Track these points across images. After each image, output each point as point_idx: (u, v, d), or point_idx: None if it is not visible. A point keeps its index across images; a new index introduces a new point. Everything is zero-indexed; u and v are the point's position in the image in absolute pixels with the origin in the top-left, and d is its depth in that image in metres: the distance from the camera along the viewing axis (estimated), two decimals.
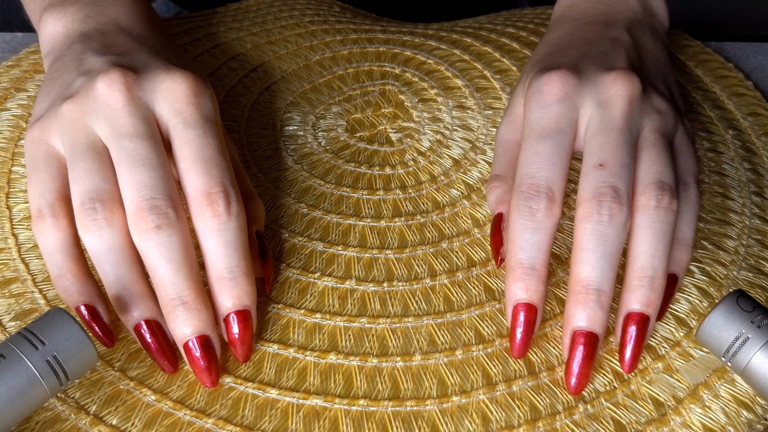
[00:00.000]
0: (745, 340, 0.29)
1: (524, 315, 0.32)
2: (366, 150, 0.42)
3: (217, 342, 0.31)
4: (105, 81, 0.33)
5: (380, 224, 0.38)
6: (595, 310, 0.31)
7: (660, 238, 0.32)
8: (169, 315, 0.31)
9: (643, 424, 0.30)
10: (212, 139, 0.33)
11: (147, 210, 0.31)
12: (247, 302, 0.32)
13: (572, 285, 0.31)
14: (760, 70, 0.51)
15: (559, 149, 0.33)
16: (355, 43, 0.50)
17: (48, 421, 0.30)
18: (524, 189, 0.32)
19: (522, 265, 0.32)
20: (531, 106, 0.35)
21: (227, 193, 0.32)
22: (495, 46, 0.49)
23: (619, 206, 0.31)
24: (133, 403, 0.31)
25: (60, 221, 0.32)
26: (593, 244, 0.31)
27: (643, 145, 0.34)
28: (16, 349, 0.27)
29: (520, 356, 0.32)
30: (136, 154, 0.32)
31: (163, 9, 0.71)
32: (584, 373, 0.31)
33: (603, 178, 0.32)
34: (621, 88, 0.34)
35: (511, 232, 0.32)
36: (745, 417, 0.31)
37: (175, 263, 0.31)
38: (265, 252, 0.35)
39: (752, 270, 0.37)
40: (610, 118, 0.33)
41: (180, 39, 0.50)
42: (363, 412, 0.31)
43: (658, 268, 0.31)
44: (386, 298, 0.35)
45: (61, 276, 0.32)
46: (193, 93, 0.34)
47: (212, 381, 0.31)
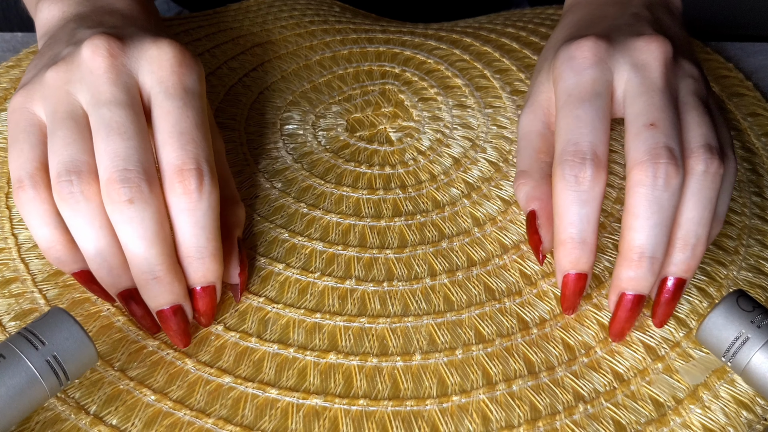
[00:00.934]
0: (745, 340, 0.29)
1: (575, 282, 0.32)
2: (366, 149, 0.42)
3: (189, 309, 0.32)
4: (89, 47, 0.33)
5: (380, 224, 0.38)
6: (647, 277, 0.31)
7: (705, 206, 0.32)
8: (142, 288, 0.31)
9: (643, 425, 0.31)
10: (192, 111, 0.33)
11: (119, 182, 0.30)
12: (212, 279, 0.32)
13: (625, 250, 0.31)
14: (760, 70, 0.51)
15: (599, 113, 0.32)
16: (355, 43, 0.50)
17: (48, 421, 0.30)
18: (568, 157, 0.32)
19: (573, 239, 0.32)
20: (564, 73, 0.34)
21: (200, 170, 0.31)
22: (495, 46, 0.49)
23: (676, 168, 0.31)
24: (133, 403, 0.31)
25: (41, 192, 0.32)
26: (649, 211, 0.31)
27: (685, 107, 0.33)
28: (16, 349, 0.27)
29: (569, 312, 0.34)
30: (113, 123, 0.31)
31: (163, 9, 0.71)
32: (628, 327, 0.32)
33: (656, 138, 0.31)
34: (656, 49, 0.34)
35: (558, 206, 0.32)
36: (744, 417, 0.31)
37: (146, 239, 0.31)
38: (242, 261, 0.35)
39: (752, 270, 0.37)
40: (650, 80, 0.33)
41: (180, 39, 0.50)
42: (363, 412, 0.31)
43: (701, 235, 0.32)
44: (386, 298, 0.35)
45: (50, 248, 0.32)
46: (178, 62, 0.33)
47: (184, 342, 0.33)
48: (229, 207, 0.35)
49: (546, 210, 0.35)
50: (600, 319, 0.34)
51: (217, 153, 0.37)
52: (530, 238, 0.35)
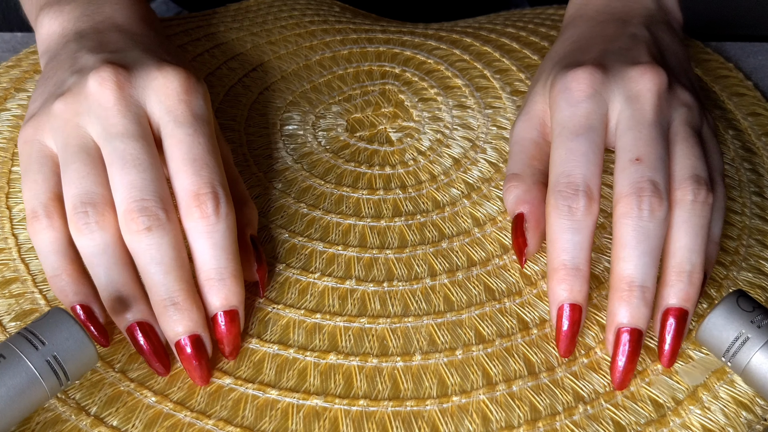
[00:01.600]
0: (745, 340, 0.29)
1: (570, 315, 0.32)
2: (366, 150, 0.42)
3: (208, 340, 0.32)
4: (96, 79, 0.33)
5: (380, 224, 0.38)
6: (639, 307, 0.31)
7: (697, 233, 0.32)
8: (161, 315, 0.31)
9: (643, 425, 0.31)
10: (202, 138, 0.33)
11: (137, 211, 0.31)
12: (235, 302, 0.32)
13: (615, 282, 0.31)
14: (760, 70, 0.51)
15: (592, 146, 0.33)
16: (355, 43, 0.50)
17: (48, 422, 0.30)
18: (562, 188, 0.32)
19: (565, 266, 0.32)
20: (559, 104, 0.35)
21: (216, 193, 0.32)
22: (495, 46, 0.49)
23: (660, 200, 0.31)
24: (133, 404, 0.31)
25: (54, 222, 0.32)
26: (635, 240, 0.31)
27: (675, 138, 0.33)
28: (16, 349, 0.27)
29: (566, 355, 0.32)
30: (127, 155, 0.32)
31: (163, 9, 0.71)
32: (630, 369, 0.31)
33: (641, 172, 0.32)
34: (649, 81, 0.34)
35: (552, 233, 0.32)
36: (744, 418, 0.31)
37: (165, 265, 0.31)
38: (260, 256, 0.35)
39: (752, 270, 0.37)
40: (641, 112, 0.33)
41: (180, 39, 0.50)
42: (363, 412, 0.31)
43: (695, 263, 0.32)
44: (386, 298, 0.35)
45: (56, 276, 0.33)
46: (185, 90, 0.34)
47: (204, 378, 0.31)
48: (239, 208, 0.35)
49: (535, 214, 0.35)
50: (600, 319, 0.34)
51: (225, 158, 0.37)
52: (515, 240, 0.35)
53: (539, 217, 0.35)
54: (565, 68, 0.35)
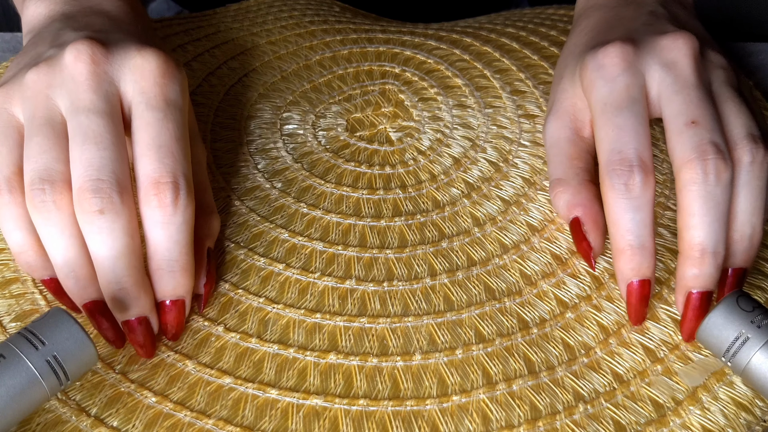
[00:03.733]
0: (745, 340, 0.29)
1: (639, 290, 0.32)
2: (366, 149, 0.42)
3: (155, 321, 0.32)
4: (72, 52, 0.32)
5: (380, 224, 0.38)
6: (711, 273, 0.31)
7: (757, 195, 0.32)
8: (109, 298, 0.31)
9: (643, 425, 0.31)
10: (172, 124, 0.32)
11: (90, 191, 0.30)
12: (182, 293, 0.32)
13: (686, 249, 0.31)
14: (760, 70, 0.51)
15: (638, 118, 0.32)
16: (355, 43, 0.50)
17: (49, 423, 0.30)
18: (615, 166, 0.32)
19: (631, 246, 0.32)
20: (596, 82, 0.34)
21: (177, 184, 0.31)
22: (495, 46, 0.49)
23: (725, 162, 0.31)
24: (133, 405, 0.31)
25: (17, 197, 0.32)
26: (704, 208, 0.31)
27: (721, 99, 0.33)
28: (16, 349, 0.27)
29: (638, 323, 0.33)
30: (90, 131, 0.31)
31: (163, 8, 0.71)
32: (696, 326, 0.32)
33: (700, 135, 0.31)
34: (684, 45, 0.33)
35: (612, 214, 0.32)
36: (744, 419, 0.31)
37: (115, 250, 0.30)
38: (211, 271, 0.34)
39: (752, 270, 0.37)
40: (683, 77, 0.33)
41: (180, 39, 0.50)
42: (363, 412, 0.31)
43: (756, 224, 0.32)
44: (386, 298, 0.35)
45: (22, 252, 0.32)
46: (161, 74, 0.33)
47: (149, 353, 0.32)
48: (202, 217, 0.35)
49: (591, 215, 0.35)
50: (599, 320, 0.34)
51: (197, 162, 0.36)
52: (578, 245, 0.35)
53: (595, 217, 0.35)
54: (593, 49, 0.35)
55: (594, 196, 0.35)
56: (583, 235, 0.35)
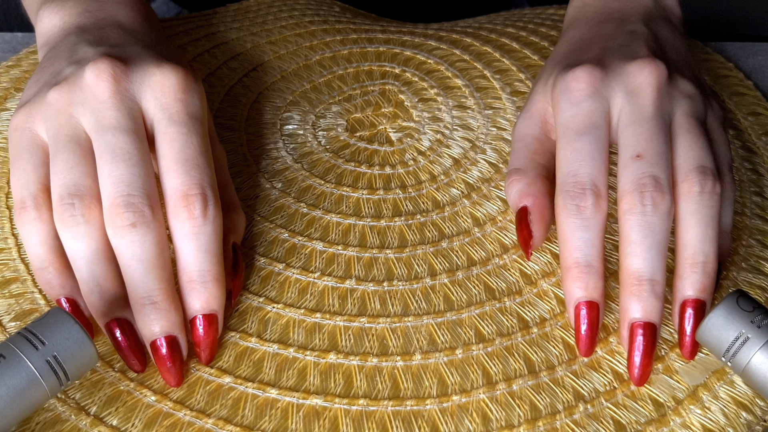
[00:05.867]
0: (745, 340, 0.29)
1: (587, 313, 0.32)
2: (366, 149, 0.42)
3: (184, 342, 0.31)
4: (93, 71, 0.33)
5: (380, 224, 0.38)
6: (650, 300, 0.31)
7: (708, 223, 0.32)
8: (138, 313, 0.31)
9: (643, 425, 0.31)
10: (195, 138, 0.33)
11: (123, 206, 0.30)
12: (215, 306, 0.32)
13: (624, 278, 0.32)
14: (760, 70, 0.51)
15: (597, 144, 0.33)
16: (355, 43, 0.50)
17: (48, 422, 0.30)
18: (569, 188, 0.32)
19: (578, 264, 0.32)
20: (561, 104, 0.35)
21: (205, 195, 0.32)
22: (495, 46, 0.49)
23: (662, 195, 0.31)
24: (133, 403, 0.31)
25: (42, 213, 0.32)
26: (641, 235, 0.31)
27: (678, 131, 0.34)
28: (16, 349, 0.27)
29: (587, 355, 0.32)
30: (117, 149, 0.31)
31: (163, 9, 0.71)
32: (647, 364, 0.31)
33: (642, 168, 0.32)
34: (649, 75, 0.34)
35: (562, 233, 0.32)
36: (744, 418, 0.31)
37: (146, 263, 0.31)
38: (238, 266, 0.34)
39: (752, 270, 0.37)
40: (641, 108, 0.33)
41: (180, 39, 0.50)
42: (363, 412, 0.31)
43: (708, 253, 0.32)
44: (386, 298, 0.35)
45: (42, 269, 0.32)
46: (182, 89, 0.33)
47: (176, 380, 0.31)
48: (227, 213, 0.35)
49: (539, 206, 0.35)
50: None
51: (218, 162, 0.37)
52: (520, 233, 0.35)
53: (543, 210, 0.35)
54: (564, 69, 0.35)
55: (547, 191, 0.35)
56: (526, 224, 0.35)
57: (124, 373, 0.32)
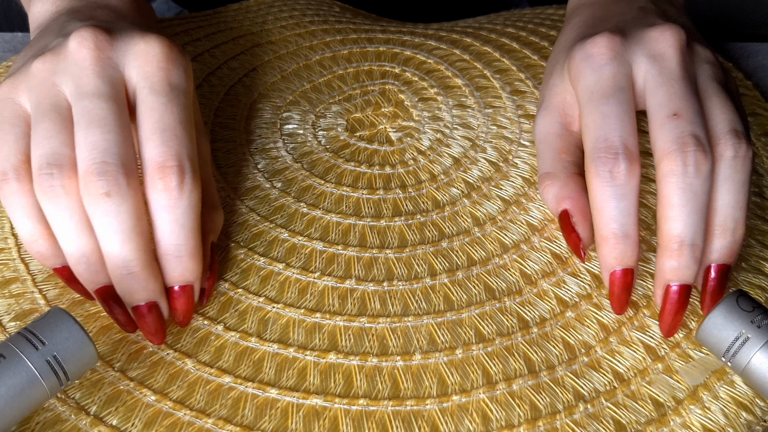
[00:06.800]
0: (745, 340, 0.29)
1: (622, 278, 0.32)
2: (366, 149, 0.42)
3: (165, 306, 0.32)
4: (76, 38, 0.32)
5: (380, 224, 0.38)
6: (689, 265, 0.31)
7: (740, 189, 0.32)
8: (117, 283, 0.31)
9: (643, 424, 0.31)
10: (176, 108, 0.32)
11: (96, 174, 0.30)
12: (190, 278, 0.32)
13: (665, 241, 0.31)
14: (760, 70, 0.51)
15: (624, 106, 0.33)
16: (355, 43, 0.50)
17: (48, 422, 0.30)
18: (601, 154, 0.32)
19: (615, 234, 0.32)
20: (583, 71, 0.34)
21: (182, 167, 0.31)
22: (495, 46, 0.49)
23: (705, 155, 0.31)
24: (133, 403, 0.31)
25: (24, 185, 0.32)
26: (683, 199, 0.31)
27: (706, 94, 0.33)
28: (16, 349, 0.27)
29: (620, 313, 0.33)
30: (94, 115, 0.31)
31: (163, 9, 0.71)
32: (678, 321, 0.32)
33: (681, 127, 0.31)
34: (671, 37, 0.34)
35: (597, 202, 0.32)
36: (744, 418, 0.31)
37: (122, 233, 0.30)
38: (213, 266, 0.34)
39: (752, 270, 0.37)
40: (669, 69, 0.33)
41: (180, 39, 0.50)
42: (363, 412, 0.31)
43: (738, 219, 0.32)
44: (386, 298, 0.35)
45: (32, 241, 0.32)
46: (165, 58, 0.33)
47: (159, 340, 0.32)
48: (206, 211, 0.35)
49: (579, 207, 0.35)
50: (600, 318, 0.34)
51: (202, 157, 0.36)
52: (568, 237, 0.35)
53: (584, 209, 0.34)
54: (581, 41, 0.35)
55: (581, 188, 0.35)
56: (572, 227, 0.34)
57: (124, 372, 0.32)
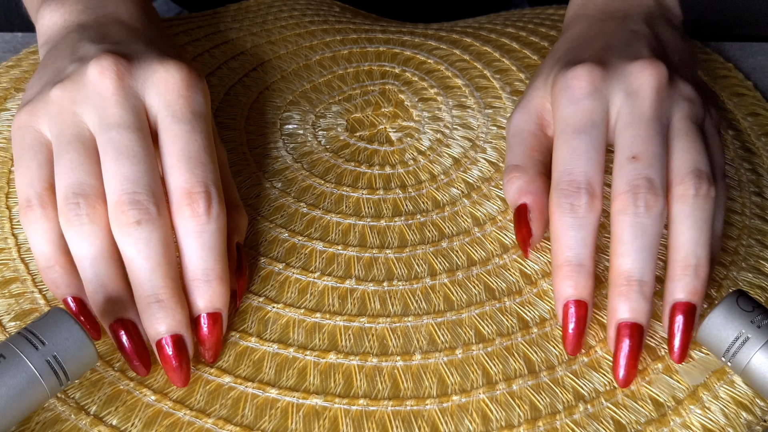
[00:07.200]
0: (745, 340, 0.29)
1: (575, 311, 0.32)
2: (366, 149, 0.42)
3: (190, 342, 0.31)
4: (96, 68, 0.32)
5: (380, 224, 0.38)
6: (638, 301, 0.31)
7: (701, 227, 0.32)
8: (144, 312, 0.31)
9: (643, 424, 0.31)
10: (199, 135, 0.33)
11: (128, 204, 0.30)
12: (219, 305, 0.32)
13: (614, 278, 0.32)
14: (760, 70, 0.51)
15: (594, 143, 0.33)
16: (355, 43, 0.50)
17: (48, 422, 0.30)
18: (564, 186, 0.32)
19: (570, 262, 0.32)
20: (561, 101, 0.35)
21: (209, 193, 0.32)
22: (495, 46, 0.49)
23: (655, 197, 0.31)
24: (133, 403, 0.31)
25: (48, 212, 0.32)
26: (632, 236, 0.31)
27: (676, 134, 0.34)
28: (16, 349, 0.27)
29: (574, 353, 0.32)
30: (122, 146, 0.31)
31: (163, 9, 0.71)
32: (632, 365, 0.31)
33: (637, 170, 0.32)
34: (649, 76, 0.34)
35: (555, 230, 0.32)
36: (744, 418, 0.31)
37: (152, 260, 0.31)
38: (242, 265, 0.34)
39: (752, 270, 0.37)
40: (640, 109, 0.33)
41: (180, 39, 0.50)
42: (363, 412, 0.31)
43: (701, 256, 0.32)
44: (386, 298, 0.35)
45: (48, 267, 0.32)
46: (186, 86, 0.33)
47: (183, 380, 0.31)
48: (229, 213, 0.35)
49: (539, 204, 0.35)
50: (600, 318, 0.34)
51: (220, 161, 0.37)
52: (519, 231, 0.35)
53: (543, 208, 0.35)
54: (565, 66, 0.35)
55: (546, 188, 0.35)
56: (526, 222, 0.35)
57: (124, 372, 0.32)
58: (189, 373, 0.31)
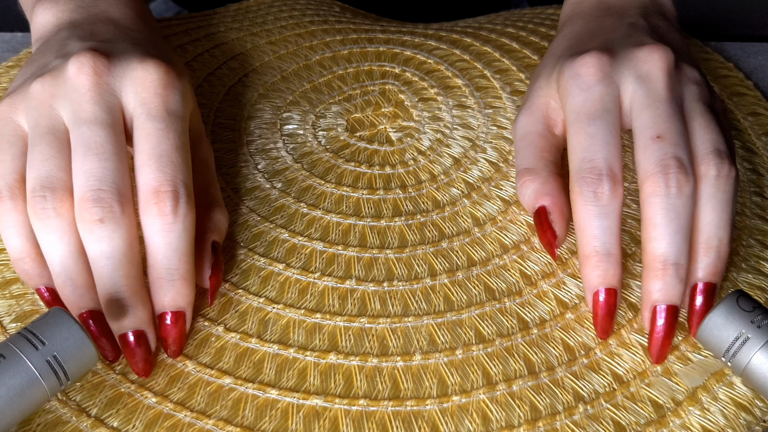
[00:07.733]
0: (745, 340, 0.29)
1: (606, 299, 0.32)
2: (366, 149, 0.42)
3: (153, 336, 0.32)
4: (75, 64, 0.33)
5: (380, 224, 0.38)
6: (674, 285, 0.31)
7: (723, 208, 0.32)
8: (106, 309, 0.31)
9: (643, 426, 0.31)
10: (173, 134, 0.33)
11: (91, 201, 0.30)
12: (182, 304, 0.32)
13: (649, 261, 0.32)
14: (760, 70, 0.51)
15: (610, 129, 0.33)
16: (355, 43, 0.50)
17: (49, 423, 0.30)
18: (585, 174, 0.32)
19: (597, 252, 0.32)
20: (571, 90, 0.34)
21: (177, 192, 0.31)
22: (495, 46, 0.49)
23: (686, 176, 0.31)
24: (134, 405, 0.31)
25: (18, 204, 0.32)
26: (666, 219, 0.31)
27: (691, 114, 0.34)
28: (16, 349, 0.27)
29: (604, 337, 0.33)
30: (92, 143, 0.31)
31: (163, 9, 0.71)
32: (666, 344, 0.32)
33: (664, 149, 0.32)
34: (658, 59, 0.34)
35: (579, 221, 0.32)
36: (743, 419, 0.31)
37: (114, 259, 0.31)
38: (217, 264, 0.34)
39: (752, 271, 0.37)
40: (655, 91, 0.33)
41: (180, 39, 0.50)
42: (363, 412, 0.31)
43: (722, 238, 0.32)
44: (386, 298, 0.35)
45: (20, 259, 0.32)
46: (162, 85, 0.33)
47: (144, 371, 0.32)
48: (207, 211, 0.35)
49: (558, 205, 0.35)
50: None
51: (204, 161, 0.37)
52: (543, 234, 0.35)
53: (562, 207, 0.35)
54: (571, 57, 0.35)
55: (561, 187, 0.35)
56: (549, 224, 0.35)
57: (125, 375, 0.32)
58: (151, 364, 0.32)
